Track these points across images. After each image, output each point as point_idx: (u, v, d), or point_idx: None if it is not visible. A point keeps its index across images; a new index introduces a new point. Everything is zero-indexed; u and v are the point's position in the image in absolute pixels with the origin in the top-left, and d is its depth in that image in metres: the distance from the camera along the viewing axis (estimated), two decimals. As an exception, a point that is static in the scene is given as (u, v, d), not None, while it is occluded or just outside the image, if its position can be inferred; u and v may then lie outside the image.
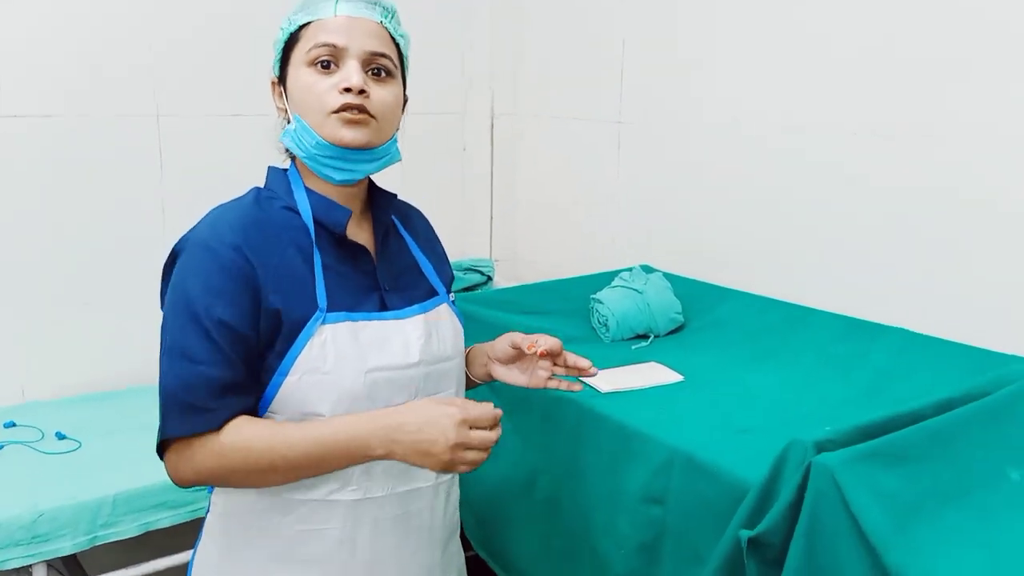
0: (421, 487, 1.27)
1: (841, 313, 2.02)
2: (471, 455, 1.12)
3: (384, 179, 1.34)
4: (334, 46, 1.19)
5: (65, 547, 1.84)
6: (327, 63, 1.19)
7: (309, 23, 1.21)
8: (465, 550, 1.51)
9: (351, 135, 1.19)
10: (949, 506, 1.21)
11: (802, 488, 1.21)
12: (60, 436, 2.15)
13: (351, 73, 1.18)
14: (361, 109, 1.19)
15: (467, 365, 1.43)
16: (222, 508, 1.26)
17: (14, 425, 2.20)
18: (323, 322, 1.17)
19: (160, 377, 1.14)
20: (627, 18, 2.59)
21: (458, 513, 1.41)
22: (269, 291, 1.16)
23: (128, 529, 1.92)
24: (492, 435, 1.14)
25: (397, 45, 1.28)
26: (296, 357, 1.16)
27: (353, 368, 1.18)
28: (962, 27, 1.79)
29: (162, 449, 1.16)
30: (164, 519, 1.96)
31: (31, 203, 2.35)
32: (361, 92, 1.18)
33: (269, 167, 1.30)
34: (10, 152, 2.31)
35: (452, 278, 1.43)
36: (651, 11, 2.52)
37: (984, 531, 1.18)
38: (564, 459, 1.80)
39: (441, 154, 3.11)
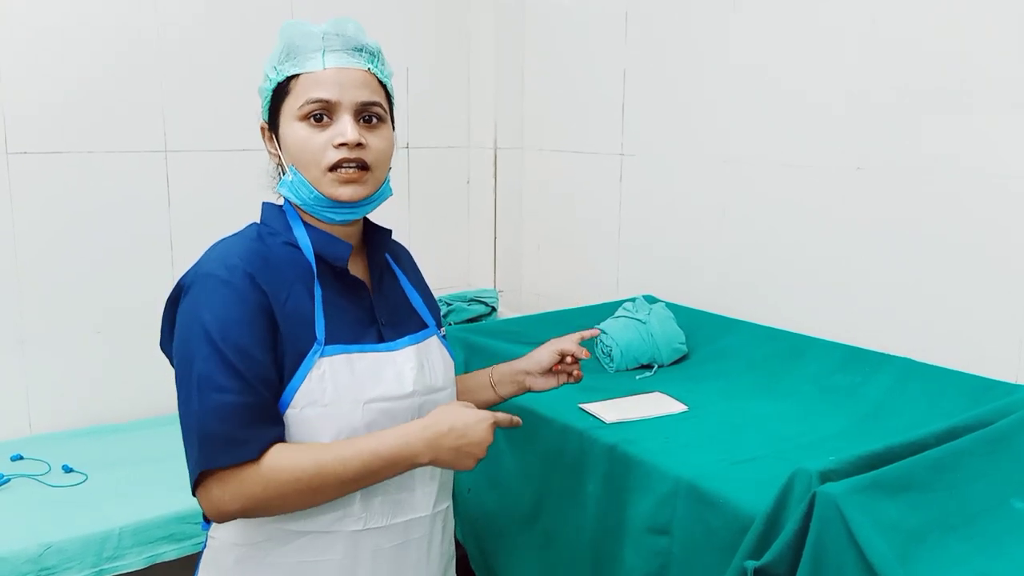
0: (420, 516, 1.29)
1: (843, 342, 2.03)
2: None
3: (391, 212, 1.36)
4: (327, 101, 1.21)
5: (72, 580, 1.84)
6: (320, 116, 1.21)
7: (298, 75, 1.22)
8: (469, 580, 1.52)
9: (348, 192, 1.22)
10: (953, 535, 1.22)
11: (807, 518, 1.21)
12: (67, 469, 2.16)
13: (346, 128, 1.20)
14: (359, 164, 1.21)
15: (493, 385, 1.49)
16: (219, 542, 1.26)
17: (21, 458, 2.21)
18: (321, 355, 1.19)
19: (187, 411, 1.14)
20: (628, 50, 2.63)
21: (454, 542, 1.43)
22: (280, 319, 1.18)
23: (134, 562, 1.92)
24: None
25: (385, 88, 1.30)
26: (296, 389, 1.17)
27: (351, 400, 1.20)
28: (959, 57, 1.82)
29: (198, 483, 1.15)
30: (170, 552, 1.96)
31: (40, 238, 2.38)
32: (358, 145, 1.20)
33: (264, 203, 1.31)
34: (19, 188, 2.33)
35: (439, 313, 1.46)
36: (652, 42, 2.56)
37: (986, 560, 1.18)
38: (568, 490, 1.80)
39: (446, 187, 3.14)
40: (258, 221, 1.31)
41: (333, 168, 1.20)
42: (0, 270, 2.33)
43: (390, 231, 1.39)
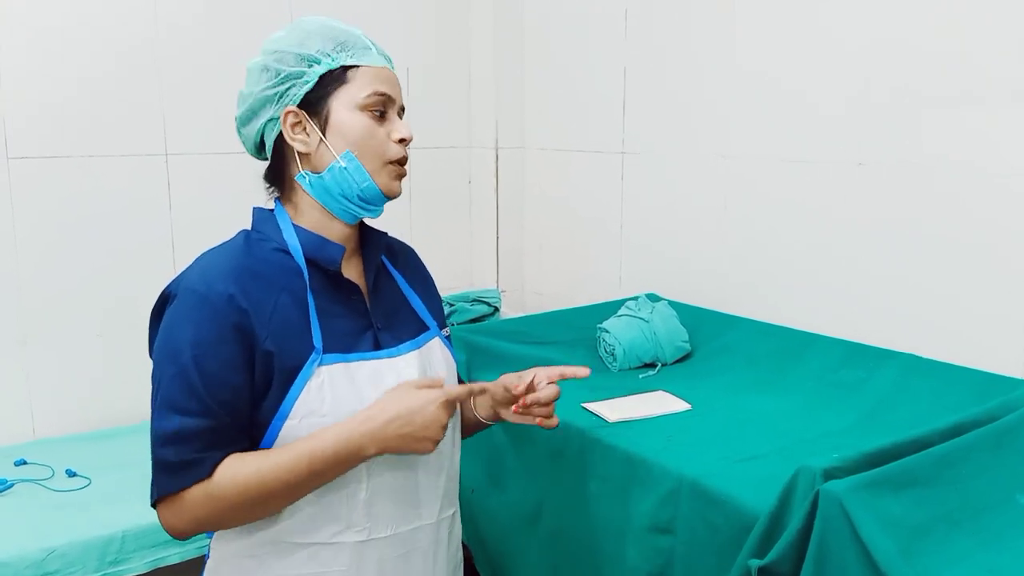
0: (425, 524, 1.27)
1: (847, 339, 2.02)
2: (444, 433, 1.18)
3: (393, 213, 1.35)
4: (389, 97, 1.23)
5: (75, 584, 1.84)
6: (381, 111, 1.23)
7: (356, 66, 1.22)
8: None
9: (398, 187, 1.26)
10: (957, 531, 1.21)
11: (811, 516, 1.21)
12: (70, 473, 2.16)
13: (403, 125, 1.24)
14: (404, 162, 1.25)
15: (475, 408, 1.42)
16: (220, 555, 1.24)
17: (25, 463, 2.21)
18: (320, 364, 1.17)
19: (151, 430, 1.14)
20: (628, 48, 2.63)
21: (461, 548, 1.41)
22: (264, 336, 1.15)
23: (137, 566, 1.92)
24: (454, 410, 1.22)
25: None
26: (295, 400, 1.15)
27: (351, 409, 1.17)
28: (961, 53, 1.81)
29: (155, 502, 1.16)
30: (173, 555, 1.96)
31: (41, 243, 2.38)
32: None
33: (254, 208, 1.29)
34: (20, 193, 2.34)
35: (442, 312, 1.43)
36: (652, 40, 2.55)
37: (991, 557, 1.18)
38: (571, 489, 1.79)
39: (447, 187, 3.14)
40: (249, 228, 1.28)
41: (395, 162, 1.23)
42: (2, 275, 2.34)
43: (385, 233, 1.38)
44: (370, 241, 1.33)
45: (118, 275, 2.49)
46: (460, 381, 1.43)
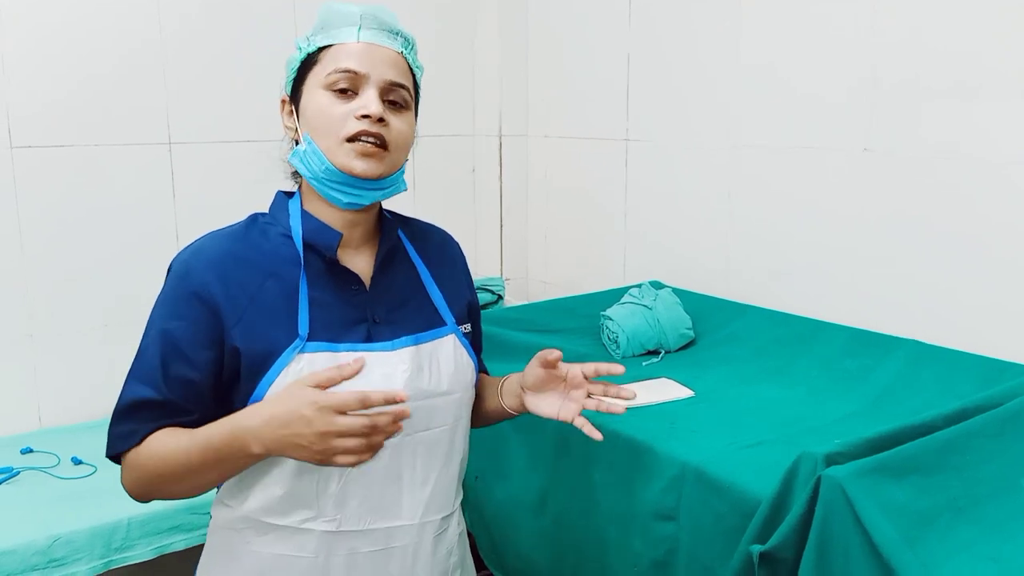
0: (404, 524, 1.23)
1: (851, 326, 2.02)
2: (348, 443, 1.03)
3: (394, 202, 1.32)
4: (355, 72, 1.17)
5: (80, 571, 1.85)
6: (345, 89, 1.18)
7: (329, 46, 1.19)
8: (479, 569, 1.50)
9: (363, 166, 1.17)
10: (960, 518, 1.21)
11: (812, 501, 1.21)
12: (76, 461, 2.17)
13: (370, 101, 1.16)
14: (378, 139, 1.17)
15: (501, 395, 1.36)
16: (215, 522, 1.27)
17: (31, 451, 2.22)
18: (301, 350, 1.15)
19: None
20: (632, 34, 2.61)
21: (459, 552, 1.34)
22: (232, 326, 1.15)
23: (143, 552, 1.93)
24: (360, 420, 1.03)
25: (414, 76, 1.27)
26: (270, 384, 1.14)
27: None
28: (967, 42, 1.79)
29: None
30: (178, 542, 1.97)
31: (46, 233, 2.38)
32: (380, 120, 1.17)
33: (278, 192, 1.29)
34: (24, 183, 2.34)
35: (468, 307, 1.37)
36: (655, 26, 2.54)
37: (995, 543, 1.17)
38: (575, 476, 1.79)
39: (451, 175, 3.14)
40: (262, 211, 1.28)
41: (352, 139, 1.16)
42: (7, 265, 2.34)
43: (408, 219, 1.35)
44: (386, 228, 1.30)
45: (123, 264, 2.49)
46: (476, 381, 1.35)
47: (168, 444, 1.14)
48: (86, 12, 2.38)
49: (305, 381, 1.07)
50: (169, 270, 1.21)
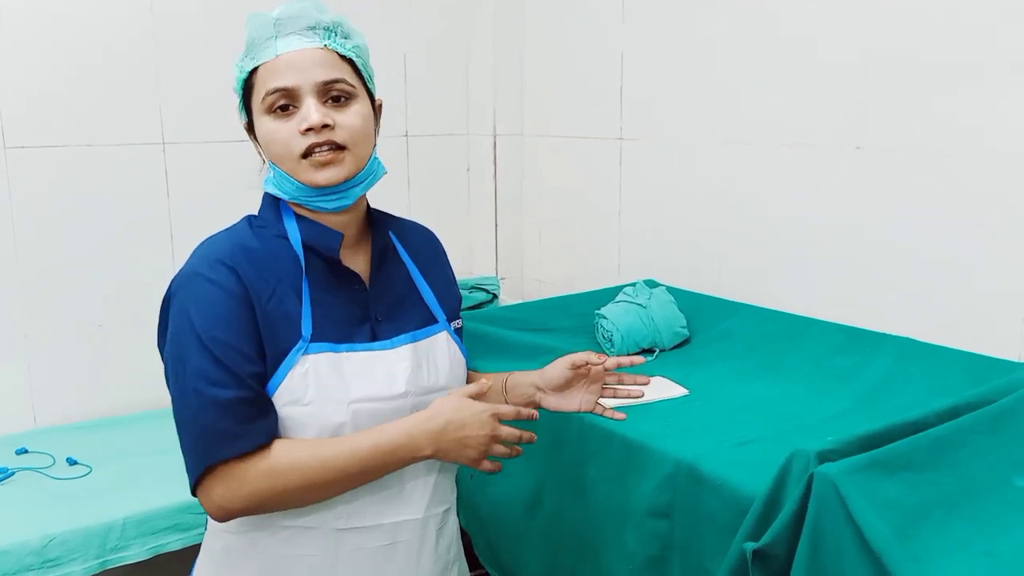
0: (410, 519, 1.25)
1: (843, 323, 2.02)
2: (500, 448, 1.20)
3: (392, 200, 1.33)
4: (285, 89, 1.17)
5: (75, 571, 1.84)
6: (284, 106, 1.17)
7: (257, 68, 1.19)
8: (474, 568, 1.50)
9: (325, 176, 1.17)
10: (953, 514, 1.21)
11: (805, 498, 1.21)
12: (71, 462, 2.16)
13: (309, 112, 1.16)
14: (331, 145, 1.17)
15: (505, 392, 1.38)
16: (212, 529, 1.26)
17: (26, 451, 2.22)
18: (305, 352, 1.16)
19: (183, 408, 1.13)
20: (625, 32, 2.62)
21: (456, 547, 1.37)
22: (260, 314, 1.16)
23: (138, 553, 1.92)
24: (517, 431, 1.21)
25: (352, 59, 1.22)
26: (277, 386, 1.15)
27: (335, 400, 1.17)
28: (960, 34, 1.80)
29: (199, 482, 1.14)
30: (174, 542, 1.97)
31: (40, 233, 2.38)
32: (325, 127, 1.16)
33: (265, 194, 1.28)
34: (18, 183, 2.33)
35: (457, 303, 1.39)
36: (649, 23, 2.54)
37: (988, 539, 1.18)
38: (570, 474, 1.80)
39: (445, 175, 3.13)
40: (255, 213, 1.28)
41: (306, 155, 1.16)
42: (1, 266, 2.34)
43: (397, 218, 1.36)
44: (375, 227, 1.31)
45: (117, 264, 2.49)
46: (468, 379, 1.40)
47: (312, 451, 1.14)
48: (79, 12, 2.37)
49: (462, 391, 1.21)
50: (176, 288, 1.18)
